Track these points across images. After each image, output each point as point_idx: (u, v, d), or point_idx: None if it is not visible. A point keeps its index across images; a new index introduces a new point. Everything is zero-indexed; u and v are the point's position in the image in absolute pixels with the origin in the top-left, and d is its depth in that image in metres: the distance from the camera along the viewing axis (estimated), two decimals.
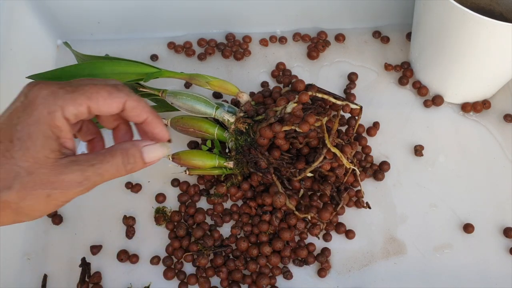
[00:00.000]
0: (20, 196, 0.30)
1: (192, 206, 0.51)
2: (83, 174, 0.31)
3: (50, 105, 0.30)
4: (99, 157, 0.32)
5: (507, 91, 0.56)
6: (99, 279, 0.48)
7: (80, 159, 0.31)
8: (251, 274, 0.47)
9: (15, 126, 0.29)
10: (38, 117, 0.30)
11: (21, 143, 0.29)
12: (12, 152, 0.29)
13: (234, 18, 0.60)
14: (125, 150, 0.33)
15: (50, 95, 0.30)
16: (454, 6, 0.43)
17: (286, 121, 0.44)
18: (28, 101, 0.30)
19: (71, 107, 0.30)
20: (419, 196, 0.51)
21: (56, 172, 0.30)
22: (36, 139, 0.30)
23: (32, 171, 0.30)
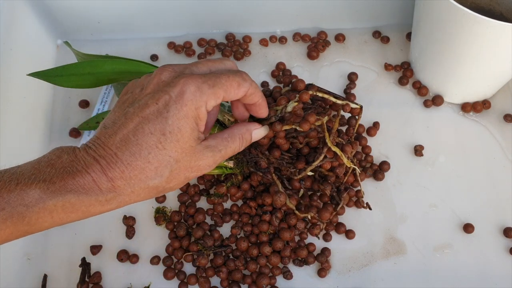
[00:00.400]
0: (167, 181, 0.34)
1: (192, 206, 0.51)
2: (213, 159, 0.36)
3: (197, 101, 0.33)
4: (224, 142, 0.37)
5: (507, 91, 0.56)
6: (99, 279, 0.48)
7: (211, 145, 0.36)
8: (251, 274, 0.47)
9: (166, 120, 0.33)
10: (187, 113, 0.33)
11: (172, 136, 0.33)
12: (164, 144, 0.33)
13: (234, 18, 0.60)
14: (241, 134, 0.39)
15: (197, 91, 0.33)
16: (454, 6, 0.43)
17: (286, 120, 0.44)
18: (176, 95, 0.33)
19: (212, 101, 0.34)
20: (419, 196, 0.51)
21: (195, 158, 0.35)
22: (184, 132, 0.33)
23: (179, 159, 0.34)
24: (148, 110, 0.33)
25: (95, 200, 0.32)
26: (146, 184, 0.33)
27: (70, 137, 0.55)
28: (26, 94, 0.55)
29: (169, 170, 0.34)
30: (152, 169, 0.33)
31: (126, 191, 0.33)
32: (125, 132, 0.33)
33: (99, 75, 0.45)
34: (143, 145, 0.32)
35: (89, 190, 0.31)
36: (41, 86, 0.57)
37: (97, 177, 0.32)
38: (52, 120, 0.57)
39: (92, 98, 0.58)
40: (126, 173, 0.32)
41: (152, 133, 0.33)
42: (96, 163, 0.32)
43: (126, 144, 0.32)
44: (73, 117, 0.57)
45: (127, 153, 0.32)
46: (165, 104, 0.33)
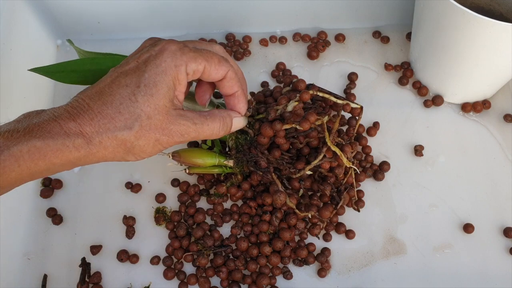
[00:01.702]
0: (136, 136, 0.34)
1: (192, 206, 0.51)
2: (187, 129, 0.36)
3: (177, 59, 0.34)
4: (201, 118, 0.37)
5: (507, 91, 0.56)
6: (99, 279, 0.48)
7: (187, 115, 0.36)
8: (251, 274, 0.47)
9: (143, 74, 0.33)
10: (166, 68, 0.33)
11: (146, 89, 0.33)
12: (137, 96, 0.33)
13: (234, 18, 0.60)
14: (222, 118, 0.39)
15: (178, 50, 0.34)
16: (454, 6, 0.43)
17: (287, 119, 0.44)
18: (156, 52, 0.34)
19: (193, 64, 0.35)
20: (419, 196, 0.51)
21: (167, 121, 0.35)
22: (160, 88, 0.33)
23: (150, 116, 0.34)
24: (127, 66, 0.34)
25: (61, 144, 0.32)
26: (114, 134, 0.33)
27: None
28: (27, 94, 0.55)
29: (139, 124, 0.33)
30: (122, 120, 0.33)
31: (94, 140, 0.33)
32: (101, 86, 0.34)
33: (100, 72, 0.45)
34: (116, 95, 0.33)
35: (55, 134, 0.31)
36: (42, 86, 0.57)
37: (64, 123, 0.32)
38: None
39: None
40: (95, 120, 0.33)
41: (127, 85, 0.33)
42: (66, 113, 0.33)
43: (100, 95, 0.33)
44: None
45: (99, 102, 0.33)
46: (145, 60, 0.34)
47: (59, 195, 0.52)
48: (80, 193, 0.52)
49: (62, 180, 0.53)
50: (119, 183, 0.52)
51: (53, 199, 0.52)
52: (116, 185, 0.52)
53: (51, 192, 0.52)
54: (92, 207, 0.51)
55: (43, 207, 0.51)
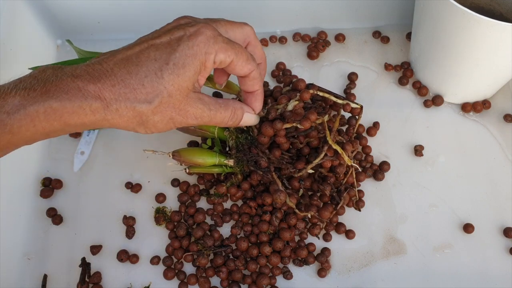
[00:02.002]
0: (154, 112, 0.34)
1: (192, 206, 0.50)
2: (202, 113, 0.36)
3: (209, 47, 0.34)
4: (216, 105, 0.37)
5: (507, 91, 0.56)
6: (99, 279, 0.48)
7: (204, 100, 0.36)
8: (251, 274, 0.47)
9: (174, 52, 0.33)
10: (196, 53, 0.33)
11: (174, 68, 0.33)
12: (164, 73, 0.33)
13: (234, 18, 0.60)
14: (234, 109, 0.39)
15: (212, 37, 0.34)
16: (454, 6, 0.43)
17: (287, 118, 0.44)
18: (191, 33, 0.34)
19: (222, 55, 0.35)
20: (419, 196, 0.51)
21: (186, 102, 0.35)
22: (188, 70, 0.33)
23: (172, 95, 0.34)
24: (159, 40, 0.33)
25: (78, 107, 0.31)
26: (133, 105, 0.33)
27: (70, 137, 0.55)
28: None
29: (159, 100, 0.33)
30: (143, 93, 0.33)
31: (111, 106, 0.32)
32: (129, 53, 0.33)
33: None
34: (142, 67, 0.32)
35: (72, 96, 0.31)
36: None
37: (84, 84, 0.31)
38: None
39: None
40: (117, 87, 0.32)
41: (156, 60, 0.33)
42: (86, 74, 0.31)
43: (126, 63, 0.32)
44: None
45: (124, 70, 0.32)
46: (178, 39, 0.33)
47: (59, 195, 0.52)
48: (80, 193, 0.52)
49: (62, 180, 0.53)
50: (119, 183, 0.52)
51: (53, 199, 0.52)
52: (116, 185, 0.52)
53: (51, 192, 0.52)
54: (92, 207, 0.51)
55: (43, 207, 0.51)
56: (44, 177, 0.52)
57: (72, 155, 0.54)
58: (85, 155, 0.54)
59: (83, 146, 0.54)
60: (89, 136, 0.55)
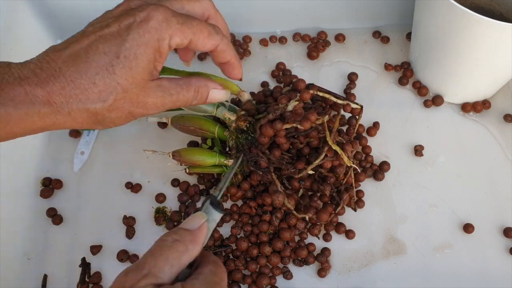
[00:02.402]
0: (109, 110, 0.32)
1: (192, 206, 0.50)
2: (163, 101, 0.34)
3: (162, 32, 0.31)
4: (178, 88, 0.35)
5: (507, 91, 0.56)
6: (99, 279, 0.48)
7: (163, 85, 0.34)
8: (251, 274, 0.47)
9: (124, 43, 0.30)
10: (148, 41, 0.31)
11: (125, 61, 0.31)
12: (115, 68, 0.30)
13: (234, 18, 0.60)
14: (198, 87, 0.36)
15: (164, 21, 0.31)
16: (454, 6, 0.43)
17: (287, 119, 0.44)
18: (141, 19, 0.31)
19: (178, 38, 0.32)
20: (419, 196, 0.51)
21: (144, 93, 0.33)
22: (140, 61, 0.31)
23: (127, 89, 0.31)
24: (107, 30, 0.31)
25: (25, 114, 0.29)
26: (86, 106, 0.31)
27: (70, 137, 0.55)
28: None
29: (114, 97, 0.31)
30: (96, 92, 0.30)
31: (63, 110, 0.30)
32: (77, 48, 0.30)
33: None
34: (92, 64, 0.30)
35: (19, 102, 0.29)
36: None
37: (31, 88, 0.29)
38: None
39: None
40: (67, 90, 0.30)
41: (105, 53, 0.30)
42: (33, 76, 0.29)
43: (74, 60, 0.30)
44: None
45: (72, 69, 0.30)
46: (127, 27, 0.31)
47: (59, 195, 0.52)
48: (80, 193, 0.52)
49: (62, 180, 0.53)
50: (119, 183, 0.52)
51: (53, 199, 0.52)
52: (116, 185, 0.52)
53: (51, 192, 0.52)
54: (92, 207, 0.51)
55: (43, 207, 0.51)
56: (44, 177, 0.53)
57: (72, 155, 0.54)
58: (85, 155, 0.54)
59: (83, 146, 0.54)
60: (89, 136, 0.55)
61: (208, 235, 0.36)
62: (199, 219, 0.34)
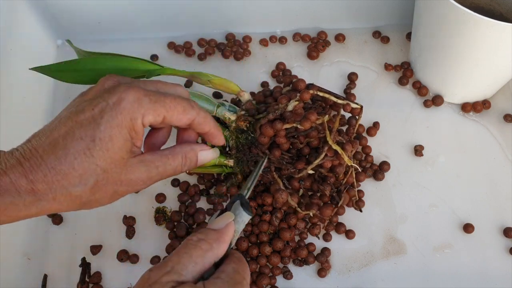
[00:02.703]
0: (92, 192, 0.33)
1: (192, 206, 0.50)
2: (148, 175, 0.35)
3: (134, 112, 0.32)
4: (163, 159, 0.35)
5: (507, 91, 0.56)
6: (99, 279, 0.48)
7: (146, 159, 0.35)
8: (251, 274, 0.47)
9: (98, 126, 0.32)
10: (121, 121, 0.32)
11: (102, 143, 0.32)
12: (92, 151, 0.31)
13: (234, 18, 0.60)
14: (185, 153, 0.37)
15: (136, 101, 0.32)
16: (454, 6, 0.43)
17: (287, 119, 0.44)
18: (114, 102, 0.32)
19: (151, 116, 0.33)
20: (419, 196, 0.51)
21: (126, 171, 0.33)
22: (116, 141, 0.32)
23: (107, 170, 0.32)
24: (83, 116, 0.32)
25: (10, 203, 0.30)
26: (68, 191, 0.32)
27: None
28: (26, 94, 0.55)
29: (95, 179, 0.32)
30: (76, 176, 0.31)
31: (47, 196, 0.31)
32: (55, 136, 0.32)
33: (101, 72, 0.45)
34: (70, 149, 0.31)
35: (4, 192, 0.30)
36: (41, 86, 0.57)
37: (16, 179, 0.30)
38: None
39: None
40: (49, 177, 0.31)
41: (82, 139, 0.31)
42: (18, 165, 0.31)
43: (54, 148, 0.31)
44: None
45: (52, 156, 0.31)
46: (100, 111, 0.32)
47: None
48: None
49: None
50: None
51: None
52: None
53: None
54: None
55: None
56: None
57: None
58: None
59: None
60: None
61: (236, 236, 0.36)
62: (226, 219, 0.36)
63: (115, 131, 0.32)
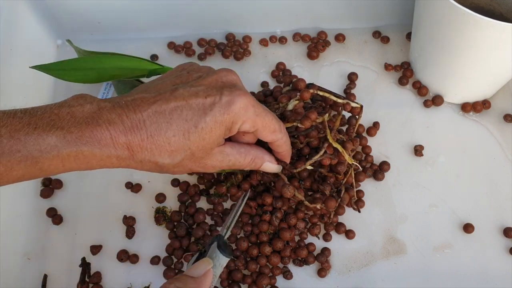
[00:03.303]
0: (174, 166, 0.35)
1: (192, 206, 0.51)
2: (221, 164, 0.38)
3: (239, 117, 0.35)
4: (237, 155, 0.39)
5: (507, 91, 0.56)
6: (99, 279, 0.48)
7: (225, 151, 0.38)
8: (251, 274, 0.47)
9: (205, 116, 0.34)
10: (225, 120, 0.35)
11: (201, 132, 0.34)
12: (191, 135, 0.34)
13: (234, 18, 0.60)
14: (254, 157, 0.40)
15: (244, 108, 0.35)
16: (454, 6, 0.43)
17: (287, 118, 0.44)
18: (225, 102, 0.35)
19: (248, 125, 0.36)
20: (419, 196, 0.51)
21: (207, 158, 0.37)
22: (213, 134, 0.35)
23: (194, 153, 0.35)
24: (195, 99, 0.34)
25: (107, 156, 0.32)
26: (156, 160, 0.34)
27: None
28: (26, 94, 0.55)
29: (182, 157, 0.35)
30: (168, 150, 0.34)
31: (137, 157, 0.33)
32: (164, 107, 0.33)
33: (101, 71, 0.45)
34: (173, 125, 0.33)
35: (104, 145, 0.32)
36: (41, 86, 0.57)
37: (116, 136, 0.32)
38: None
39: None
40: (145, 142, 0.33)
41: (187, 120, 0.34)
42: (120, 123, 0.32)
43: (159, 117, 0.33)
44: None
45: (154, 126, 0.33)
46: (212, 103, 0.34)
47: (59, 195, 0.52)
48: (80, 193, 0.52)
49: (62, 180, 0.53)
50: (119, 183, 0.52)
51: (53, 199, 0.52)
52: (116, 185, 0.52)
53: (51, 192, 0.52)
54: (92, 207, 0.51)
55: (43, 207, 0.51)
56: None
57: None
58: None
59: None
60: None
61: (214, 281, 0.37)
62: (205, 266, 0.37)
63: (216, 126, 0.34)
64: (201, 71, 0.37)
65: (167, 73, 0.38)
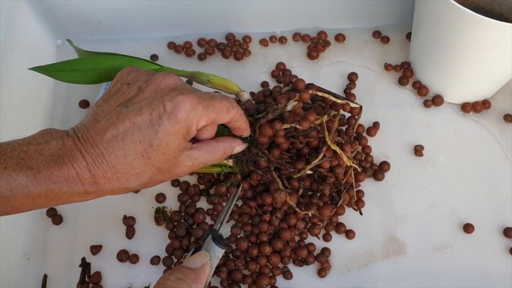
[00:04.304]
0: (145, 184, 0.36)
1: (192, 206, 0.51)
2: (191, 168, 0.38)
3: (190, 121, 0.35)
4: (206, 155, 0.39)
5: (507, 91, 0.56)
6: (99, 279, 0.48)
7: (193, 155, 0.38)
8: (251, 274, 0.47)
9: (156, 133, 0.34)
10: (178, 130, 0.35)
11: (159, 148, 0.34)
12: (150, 154, 0.34)
13: (234, 18, 0.60)
14: (224, 150, 0.41)
15: (191, 110, 0.35)
16: (454, 6, 0.43)
17: (286, 119, 0.44)
18: (171, 109, 0.34)
19: (203, 121, 0.36)
20: (419, 196, 0.51)
21: (175, 166, 0.37)
22: (172, 146, 0.35)
23: (160, 168, 0.36)
24: (141, 118, 0.34)
25: (76, 192, 0.34)
26: (125, 186, 0.35)
27: None
28: (26, 94, 0.55)
29: (149, 175, 0.36)
30: (134, 175, 0.35)
31: (105, 188, 0.34)
32: (114, 133, 0.34)
33: (101, 71, 0.45)
34: (129, 151, 0.34)
35: (72, 183, 0.33)
36: (41, 86, 0.57)
37: (81, 172, 0.33)
38: (52, 120, 0.57)
39: (92, 98, 0.58)
40: (109, 174, 0.34)
41: (140, 142, 0.34)
42: (82, 159, 0.33)
43: (113, 147, 0.34)
44: (73, 117, 0.57)
45: (113, 156, 0.34)
46: (158, 117, 0.34)
47: None
48: None
49: None
50: None
51: None
52: None
53: None
54: (92, 207, 0.51)
55: None
56: None
57: None
58: None
59: None
60: None
61: (211, 273, 0.37)
62: (202, 258, 0.38)
63: (171, 138, 0.35)
64: (140, 79, 0.37)
65: (110, 87, 0.38)
